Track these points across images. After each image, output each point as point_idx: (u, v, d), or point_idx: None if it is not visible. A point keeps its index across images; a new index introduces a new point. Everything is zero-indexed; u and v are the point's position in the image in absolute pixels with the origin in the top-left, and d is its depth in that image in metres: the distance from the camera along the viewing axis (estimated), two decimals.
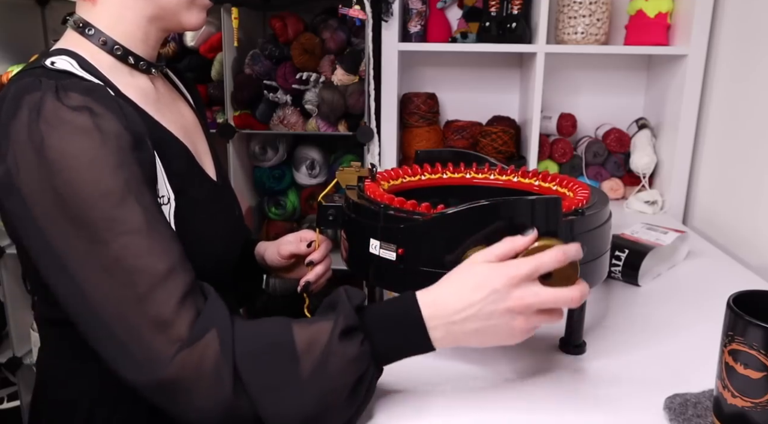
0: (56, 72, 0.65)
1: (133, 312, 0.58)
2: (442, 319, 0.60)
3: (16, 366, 1.75)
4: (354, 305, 0.61)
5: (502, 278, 0.60)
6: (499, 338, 0.62)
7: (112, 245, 0.58)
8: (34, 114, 0.59)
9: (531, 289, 0.60)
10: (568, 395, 0.68)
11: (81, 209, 0.58)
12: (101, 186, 0.59)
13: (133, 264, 0.58)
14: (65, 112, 0.60)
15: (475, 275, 0.61)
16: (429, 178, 0.91)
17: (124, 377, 0.58)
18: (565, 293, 0.60)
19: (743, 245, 1.21)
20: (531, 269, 0.60)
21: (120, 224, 0.59)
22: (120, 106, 0.65)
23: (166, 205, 0.70)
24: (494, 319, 0.60)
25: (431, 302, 0.61)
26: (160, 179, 0.69)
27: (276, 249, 0.93)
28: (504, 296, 0.59)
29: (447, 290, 0.62)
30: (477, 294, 0.60)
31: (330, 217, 0.80)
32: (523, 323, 0.60)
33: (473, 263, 0.62)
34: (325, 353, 0.58)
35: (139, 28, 0.73)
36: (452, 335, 0.61)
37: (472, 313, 0.60)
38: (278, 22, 1.58)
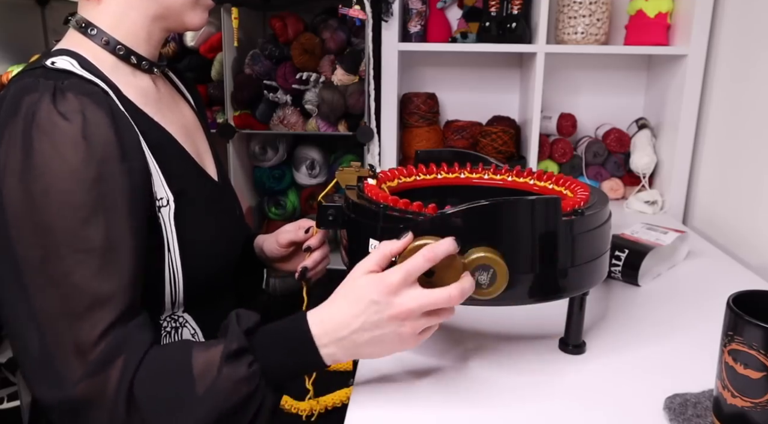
0: (56, 71, 0.66)
1: (66, 326, 0.60)
2: (331, 335, 0.63)
3: (16, 366, 1.75)
4: (243, 328, 0.63)
5: (378, 288, 0.61)
6: (392, 346, 0.64)
7: (65, 260, 0.60)
8: (29, 116, 0.61)
9: (409, 294, 0.61)
10: (568, 395, 0.68)
11: (48, 218, 0.60)
12: (74, 199, 0.60)
13: (79, 282, 0.60)
14: (57, 118, 0.61)
15: (356, 287, 0.63)
16: (429, 179, 0.91)
17: (34, 389, 0.61)
18: (442, 293, 0.61)
19: (743, 245, 1.21)
20: (403, 275, 0.61)
21: (80, 241, 0.60)
22: (114, 113, 0.65)
23: (165, 206, 0.70)
24: (380, 329, 0.62)
25: (320, 320, 0.63)
26: (157, 182, 0.69)
27: (275, 239, 0.93)
28: (384, 306, 0.61)
29: (333, 306, 0.64)
30: (358, 306, 0.62)
31: (330, 217, 0.80)
32: (410, 327, 0.62)
33: (355, 276, 0.64)
34: (217, 374, 0.61)
35: (142, 27, 0.74)
36: (345, 349, 0.63)
37: (358, 326, 0.62)
38: (278, 22, 1.58)
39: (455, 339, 0.80)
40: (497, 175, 0.91)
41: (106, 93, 0.67)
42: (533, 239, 0.65)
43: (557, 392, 0.69)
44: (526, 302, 0.67)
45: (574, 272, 0.68)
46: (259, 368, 0.62)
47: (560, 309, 0.77)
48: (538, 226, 0.65)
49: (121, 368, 0.60)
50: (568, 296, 0.71)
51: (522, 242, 0.65)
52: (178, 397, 0.60)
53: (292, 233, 0.92)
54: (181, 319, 0.76)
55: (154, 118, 0.74)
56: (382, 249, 0.64)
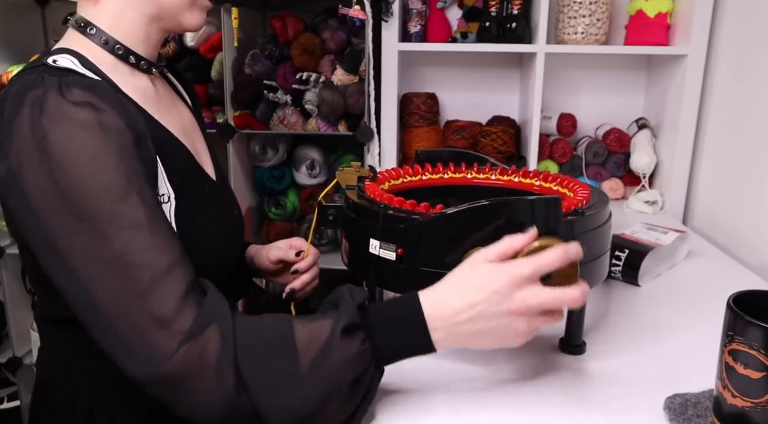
0: (58, 70, 0.66)
1: (136, 307, 0.58)
2: (444, 320, 0.60)
3: (16, 366, 1.75)
4: (357, 303, 0.61)
5: (504, 279, 0.59)
6: (502, 340, 0.62)
7: (114, 240, 0.58)
8: (36, 110, 0.60)
9: (533, 290, 0.60)
10: (568, 395, 0.68)
11: (83, 204, 0.58)
12: (103, 181, 0.59)
13: (136, 259, 0.58)
14: (67, 107, 0.60)
15: (477, 275, 0.61)
16: (429, 178, 0.91)
17: (128, 372, 0.58)
18: (566, 294, 0.60)
19: (743, 245, 1.21)
20: (532, 269, 0.59)
21: (122, 219, 0.59)
22: (122, 103, 0.65)
23: (167, 203, 0.70)
24: (496, 320, 0.60)
25: (433, 303, 0.61)
26: (160, 178, 0.69)
27: (265, 253, 0.93)
28: (506, 298, 0.59)
29: (449, 291, 0.62)
30: (479, 295, 0.59)
31: (330, 217, 0.80)
32: (525, 324, 0.60)
33: (474, 264, 0.62)
34: (326, 349, 0.58)
35: (140, 27, 0.74)
36: (454, 336, 0.61)
37: (474, 314, 0.60)
38: (278, 22, 1.58)
39: None
40: (497, 175, 0.91)
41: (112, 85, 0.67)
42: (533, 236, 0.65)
43: (557, 392, 0.69)
44: None
45: None
46: (371, 346, 0.60)
47: None
48: (538, 226, 0.64)
49: (218, 336, 0.57)
50: None
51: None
52: (283, 371, 0.57)
53: (282, 251, 0.92)
54: None
55: (154, 117, 0.74)
56: (507, 243, 0.62)
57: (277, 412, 0.57)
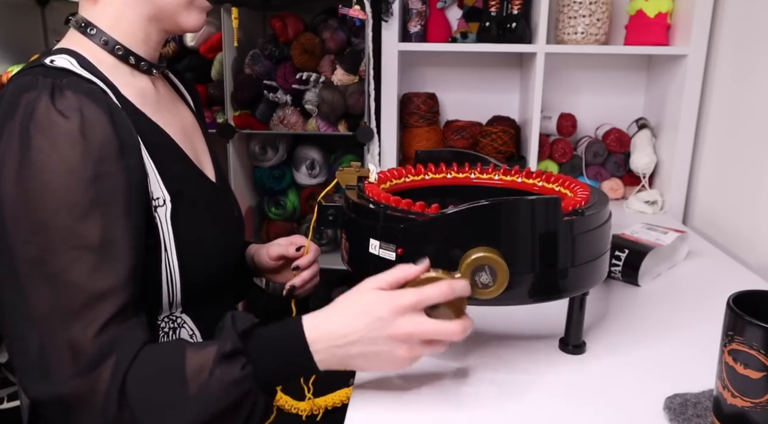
0: (55, 70, 0.66)
1: (61, 324, 0.60)
2: (326, 342, 0.62)
3: None
4: (239, 330, 0.63)
5: (388, 306, 0.61)
6: (383, 364, 0.64)
7: (61, 257, 0.60)
8: (27, 114, 0.61)
9: (414, 319, 0.62)
10: (568, 395, 0.68)
11: (44, 216, 0.60)
12: (70, 198, 0.60)
13: (76, 279, 0.60)
14: (55, 116, 0.61)
15: (362, 301, 0.63)
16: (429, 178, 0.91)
17: (25, 384, 0.61)
18: (447, 327, 0.62)
19: (743, 245, 1.21)
20: (416, 299, 0.61)
21: (75, 238, 0.60)
22: (112, 111, 0.65)
23: (162, 206, 0.70)
24: (378, 345, 0.62)
25: (315, 326, 0.63)
26: (153, 182, 0.69)
27: (266, 250, 0.93)
28: (387, 324, 0.61)
29: (333, 315, 0.64)
30: (362, 320, 0.62)
31: (330, 217, 0.80)
32: (406, 351, 0.62)
33: (362, 290, 0.64)
34: (208, 377, 0.60)
35: (139, 28, 0.73)
36: (336, 358, 0.63)
37: (356, 338, 0.62)
38: (278, 22, 1.58)
39: None
40: (497, 175, 0.91)
41: (105, 91, 0.67)
42: (533, 239, 0.65)
43: (557, 392, 0.69)
44: (526, 302, 0.67)
45: (574, 272, 0.68)
46: (252, 370, 0.62)
47: (560, 309, 0.77)
48: (538, 226, 0.65)
49: (113, 367, 0.60)
50: (568, 296, 0.71)
51: (522, 242, 0.65)
52: (169, 397, 0.60)
53: (283, 247, 0.92)
54: (179, 320, 0.76)
55: (153, 118, 0.74)
56: (398, 272, 0.64)
57: None
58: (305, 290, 0.92)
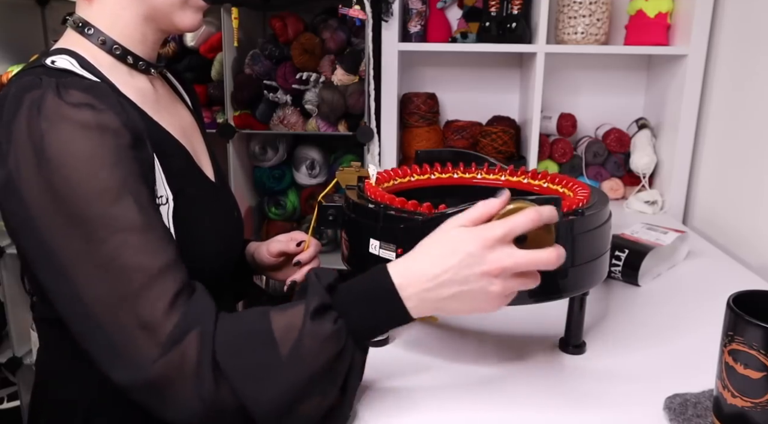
0: (56, 70, 0.66)
1: (125, 310, 0.58)
2: (416, 286, 0.60)
3: (16, 366, 1.75)
4: (324, 284, 0.61)
5: (477, 241, 0.58)
6: (477, 304, 0.60)
7: (107, 243, 0.58)
8: (34, 111, 0.60)
9: (506, 251, 0.58)
10: (568, 395, 0.68)
11: (77, 207, 0.59)
12: (98, 183, 0.59)
13: (128, 262, 0.59)
14: (65, 108, 0.60)
15: (449, 240, 0.60)
16: (429, 178, 0.91)
17: (111, 376, 0.59)
18: (541, 255, 0.59)
19: (743, 245, 1.21)
20: (505, 230, 0.58)
21: (116, 221, 0.59)
22: (120, 104, 0.65)
23: (165, 205, 0.70)
24: (470, 283, 0.59)
25: (403, 271, 0.60)
26: (158, 179, 0.69)
27: (266, 247, 0.93)
28: (479, 260, 0.58)
29: (420, 257, 0.61)
30: (451, 259, 0.59)
31: (330, 217, 0.80)
32: (500, 286, 0.59)
33: (446, 229, 0.61)
34: (300, 334, 0.58)
35: (136, 28, 0.73)
36: (427, 303, 0.60)
37: (447, 278, 0.59)
38: (278, 22, 1.58)
39: (455, 339, 0.80)
40: (497, 175, 0.91)
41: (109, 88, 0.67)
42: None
43: (557, 392, 0.69)
44: (526, 302, 0.67)
45: (574, 272, 0.68)
46: (344, 324, 0.60)
47: (560, 309, 0.77)
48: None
49: (198, 340, 0.58)
50: (568, 296, 0.71)
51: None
52: (263, 361, 0.58)
53: (283, 243, 0.92)
54: None
55: (153, 117, 0.74)
56: (480, 208, 0.61)
57: (262, 403, 0.57)
58: None
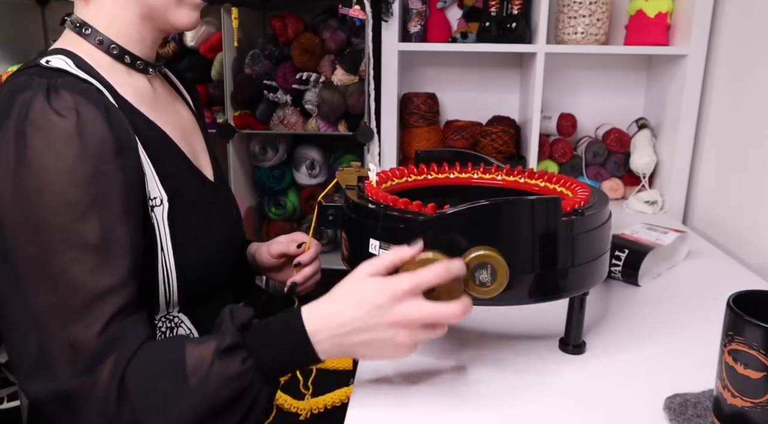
0: (51, 70, 0.66)
1: (61, 325, 0.60)
2: (327, 332, 0.62)
3: None
4: (237, 324, 0.63)
5: (386, 293, 0.61)
6: (385, 352, 0.63)
7: (61, 257, 0.60)
8: (23, 114, 0.61)
9: (413, 304, 0.61)
10: (568, 395, 0.68)
11: (43, 216, 0.60)
12: (68, 197, 0.60)
13: (76, 279, 0.60)
14: (51, 115, 0.61)
15: (360, 289, 0.63)
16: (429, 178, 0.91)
17: (23, 384, 0.61)
18: (447, 309, 0.62)
19: (743, 245, 1.21)
20: (414, 284, 0.61)
21: (75, 237, 0.60)
22: (108, 110, 0.65)
23: (159, 206, 0.70)
24: (378, 332, 0.61)
25: (316, 316, 0.63)
26: (150, 181, 0.69)
27: (267, 248, 0.93)
28: (387, 311, 0.61)
29: (332, 304, 0.64)
30: (361, 309, 0.61)
31: (330, 217, 0.80)
32: (407, 337, 0.62)
33: (358, 278, 0.64)
34: (207, 371, 0.60)
35: (133, 28, 0.73)
36: (338, 347, 0.63)
37: (356, 327, 0.62)
38: (278, 22, 1.58)
39: (455, 339, 0.80)
40: (497, 175, 0.91)
41: (100, 91, 0.67)
42: (533, 239, 0.65)
43: (557, 392, 0.69)
44: (526, 302, 0.67)
45: (574, 272, 0.68)
46: (253, 364, 0.62)
47: (560, 309, 0.77)
48: (538, 226, 0.64)
49: (113, 363, 0.60)
50: (568, 296, 0.71)
51: (522, 242, 0.65)
52: (169, 390, 0.60)
53: (284, 244, 0.92)
54: (177, 319, 0.76)
55: (150, 117, 0.74)
56: (392, 256, 0.63)
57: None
58: (307, 286, 0.91)
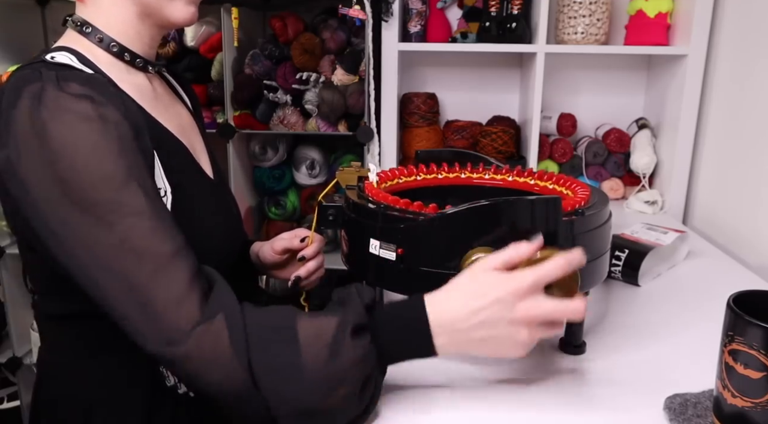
0: (56, 65, 0.66)
1: (143, 293, 0.59)
2: (447, 326, 0.61)
3: (16, 366, 1.75)
4: (365, 303, 0.61)
5: (507, 289, 0.60)
6: (503, 349, 0.62)
7: (117, 227, 0.59)
8: (35, 102, 0.60)
9: (535, 301, 0.60)
10: (568, 395, 0.68)
11: (84, 193, 0.59)
12: (104, 170, 0.59)
13: (139, 245, 0.59)
14: (66, 99, 0.60)
15: (481, 283, 0.61)
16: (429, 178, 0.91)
17: (146, 348, 0.59)
18: (569, 306, 0.61)
19: (743, 245, 1.21)
20: (536, 279, 0.60)
21: (123, 207, 0.59)
22: (120, 97, 0.65)
23: (163, 197, 0.70)
24: (498, 329, 0.60)
25: (437, 308, 0.61)
26: (157, 173, 0.70)
27: (270, 246, 0.93)
28: (509, 307, 0.60)
29: (453, 297, 0.62)
30: (482, 303, 0.60)
31: (330, 217, 0.80)
32: (527, 334, 0.60)
33: (479, 271, 0.62)
34: (334, 347, 0.58)
35: (131, 26, 0.74)
36: (456, 342, 0.61)
37: (477, 322, 0.60)
38: (278, 22, 1.58)
39: None
40: (497, 175, 0.91)
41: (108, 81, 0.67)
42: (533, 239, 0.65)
43: (557, 392, 0.69)
44: None
45: None
46: (376, 348, 0.60)
47: None
48: (538, 226, 0.65)
49: (227, 325, 0.58)
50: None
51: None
52: (285, 360, 0.58)
53: (287, 240, 0.92)
54: None
55: (151, 114, 0.74)
56: (512, 251, 0.62)
57: (283, 401, 0.57)
58: (311, 281, 0.91)
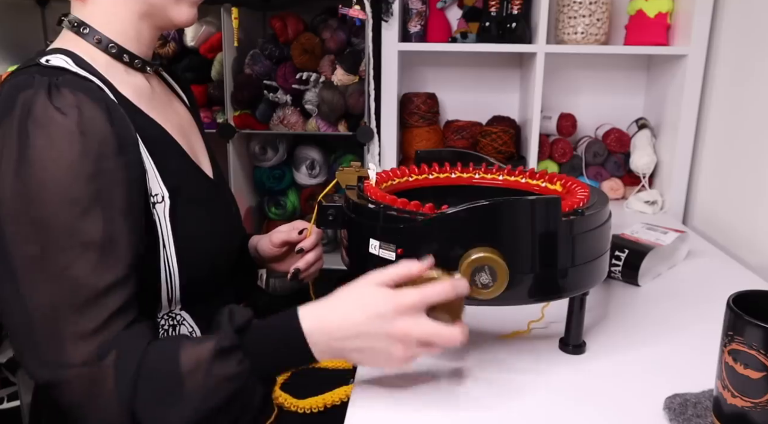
0: (51, 69, 0.66)
1: (65, 318, 0.60)
2: (325, 335, 0.63)
3: (16, 366, 1.75)
4: (235, 325, 0.64)
5: (389, 305, 0.61)
6: (378, 361, 0.64)
7: (64, 253, 0.60)
8: (25, 112, 0.61)
9: (415, 320, 0.62)
10: (568, 395, 0.68)
11: (45, 213, 0.60)
12: (70, 194, 0.60)
13: (77, 276, 0.60)
14: (53, 112, 0.61)
15: (364, 296, 0.63)
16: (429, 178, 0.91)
17: (30, 371, 0.62)
18: (446, 331, 0.62)
19: (743, 245, 1.21)
20: (419, 299, 0.61)
21: (77, 235, 0.60)
22: (109, 107, 0.65)
23: (160, 203, 0.70)
24: (375, 341, 0.62)
25: (313, 319, 0.64)
26: (152, 178, 0.70)
27: (268, 239, 0.93)
28: (388, 322, 0.61)
29: (333, 308, 0.64)
30: (362, 316, 0.62)
31: (330, 217, 0.80)
32: (402, 351, 0.62)
33: (366, 285, 0.64)
34: (206, 372, 0.61)
35: (131, 26, 0.74)
36: (333, 351, 0.64)
37: (354, 333, 0.62)
38: (278, 22, 1.58)
39: None
40: (497, 175, 0.91)
41: (101, 89, 0.67)
42: (533, 239, 0.65)
43: (557, 392, 0.69)
44: (526, 302, 0.67)
45: (574, 272, 0.68)
46: (249, 365, 0.63)
47: (560, 309, 0.77)
48: (538, 226, 0.65)
49: (115, 365, 0.60)
50: (568, 296, 0.71)
51: (522, 242, 0.65)
52: (167, 393, 0.61)
53: (285, 233, 0.92)
54: (179, 317, 0.76)
55: (150, 115, 0.74)
56: (400, 269, 0.64)
57: None
58: (310, 273, 0.91)
